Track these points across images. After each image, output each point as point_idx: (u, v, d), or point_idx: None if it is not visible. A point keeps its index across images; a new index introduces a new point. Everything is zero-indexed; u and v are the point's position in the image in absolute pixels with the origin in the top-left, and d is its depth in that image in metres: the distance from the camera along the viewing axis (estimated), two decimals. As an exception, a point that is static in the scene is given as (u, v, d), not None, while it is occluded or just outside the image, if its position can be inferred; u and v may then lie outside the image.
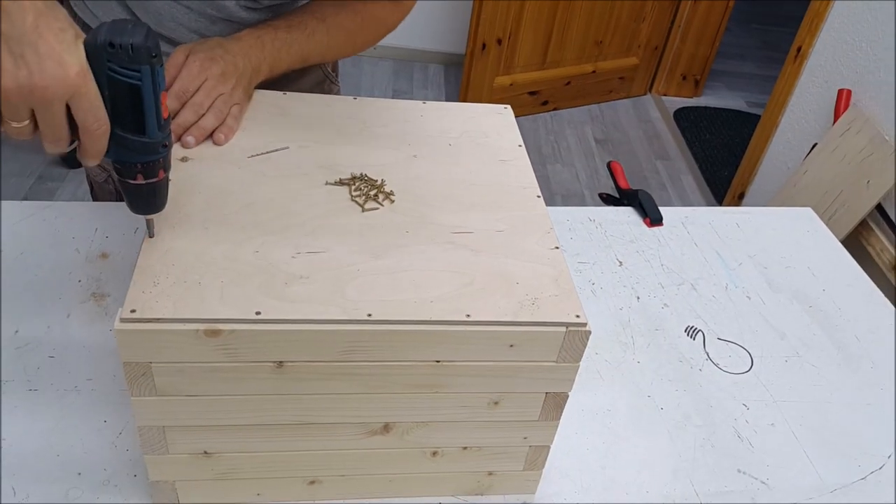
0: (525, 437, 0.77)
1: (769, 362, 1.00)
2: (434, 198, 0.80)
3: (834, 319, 1.08)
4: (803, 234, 1.23)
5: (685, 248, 1.16)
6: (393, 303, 0.67)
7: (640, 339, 1.00)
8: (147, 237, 0.69)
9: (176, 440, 0.70)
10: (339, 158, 0.83)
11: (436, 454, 0.77)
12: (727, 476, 0.86)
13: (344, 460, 0.75)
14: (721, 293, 1.09)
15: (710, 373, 0.98)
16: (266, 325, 0.64)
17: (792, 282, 1.13)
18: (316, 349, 0.66)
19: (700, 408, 0.93)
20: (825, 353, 1.02)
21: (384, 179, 0.81)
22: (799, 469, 0.87)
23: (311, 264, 0.70)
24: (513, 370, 0.71)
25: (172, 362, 0.65)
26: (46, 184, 2.22)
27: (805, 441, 0.91)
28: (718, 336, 1.03)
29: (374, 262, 0.71)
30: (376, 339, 0.66)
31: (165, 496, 0.75)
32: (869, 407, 0.96)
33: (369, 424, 0.73)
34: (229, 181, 0.78)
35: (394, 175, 0.82)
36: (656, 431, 0.90)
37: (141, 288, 0.65)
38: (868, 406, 0.96)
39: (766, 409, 0.94)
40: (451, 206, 0.80)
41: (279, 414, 0.70)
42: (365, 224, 0.75)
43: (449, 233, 0.76)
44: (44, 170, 2.25)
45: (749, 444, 0.89)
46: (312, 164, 0.82)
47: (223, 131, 0.83)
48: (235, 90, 0.86)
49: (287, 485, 0.77)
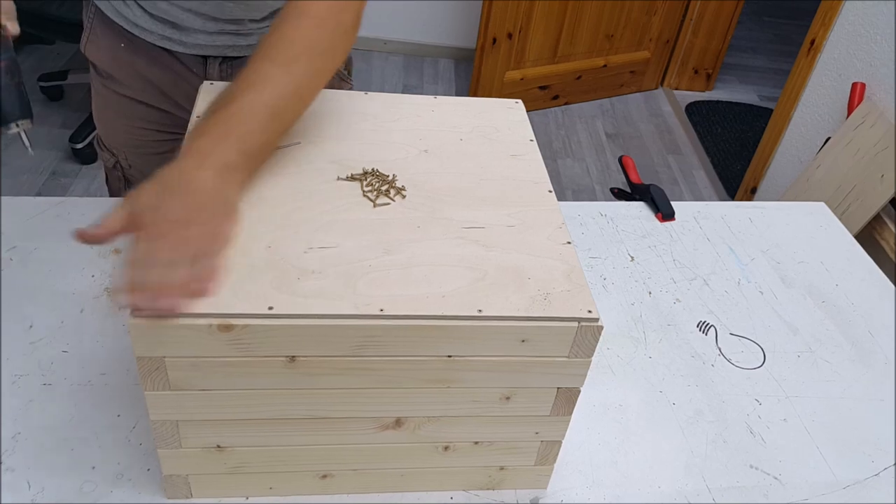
0: (537, 432, 0.77)
1: (782, 358, 1.00)
2: (445, 193, 0.80)
3: (847, 314, 1.07)
4: (816, 229, 1.23)
5: (697, 242, 1.16)
6: (404, 298, 0.68)
7: (652, 334, 1.00)
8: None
9: (189, 434, 0.71)
10: (351, 153, 0.84)
11: (447, 449, 0.77)
12: (739, 472, 0.86)
13: (356, 455, 0.76)
14: (733, 288, 1.09)
15: (722, 368, 0.97)
16: (278, 319, 0.65)
17: (805, 277, 1.13)
18: (328, 344, 0.67)
19: (712, 403, 0.93)
20: (838, 349, 1.02)
21: (395, 175, 0.81)
22: (812, 465, 0.87)
23: (322, 259, 0.70)
24: (524, 365, 0.71)
25: (186, 357, 0.65)
26: (59, 180, 2.23)
27: (818, 437, 0.90)
28: (731, 331, 1.03)
29: (385, 257, 0.71)
30: (388, 334, 0.67)
31: (179, 490, 0.76)
32: (882, 403, 0.96)
33: (381, 419, 0.73)
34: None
35: (405, 170, 0.82)
36: (668, 427, 0.90)
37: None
38: (881, 402, 0.96)
39: (778, 404, 0.94)
40: (463, 201, 0.80)
41: (291, 408, 0.71)
42: (377, 219, 0.76)
43: (460, 228, 0.76)
44: (57, 165, 2.27)
45: (761, 440, 0.89)
46: (324, 159, 0.82)
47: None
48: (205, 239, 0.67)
49: (299, 479, 0.77)
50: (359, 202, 0.77)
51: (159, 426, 0.70)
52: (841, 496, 0.84)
